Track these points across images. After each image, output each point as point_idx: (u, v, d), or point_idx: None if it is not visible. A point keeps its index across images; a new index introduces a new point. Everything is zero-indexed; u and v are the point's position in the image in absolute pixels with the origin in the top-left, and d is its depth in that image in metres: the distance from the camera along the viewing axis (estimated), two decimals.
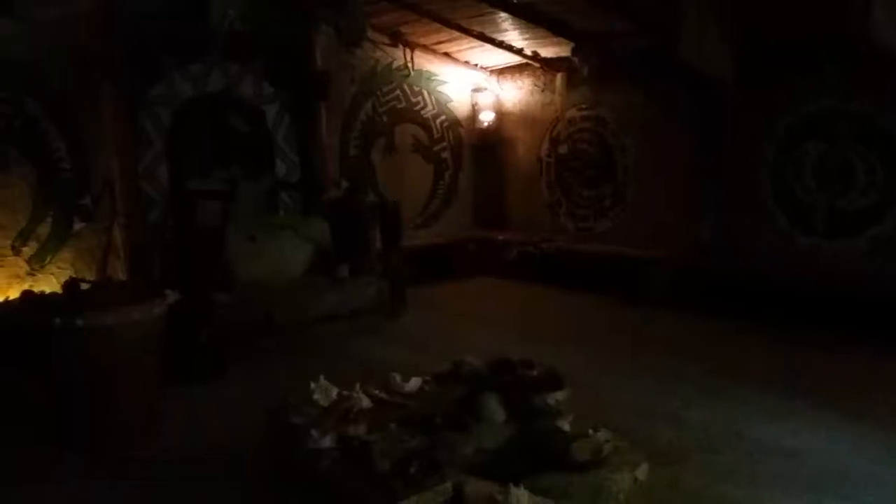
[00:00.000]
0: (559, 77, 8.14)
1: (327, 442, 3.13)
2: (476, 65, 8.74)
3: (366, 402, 3.60)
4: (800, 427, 3.92)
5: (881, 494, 3.17)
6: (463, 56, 8.49)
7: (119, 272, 6.00)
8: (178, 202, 6.28)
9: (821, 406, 4.19)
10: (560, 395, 3.59)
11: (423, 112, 8.59)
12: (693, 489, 3.27)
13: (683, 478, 3.37)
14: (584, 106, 8.01)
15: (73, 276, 5.58)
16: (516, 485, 2.84)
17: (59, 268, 5.91)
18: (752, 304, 6.03)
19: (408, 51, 8.18)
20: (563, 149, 8.30)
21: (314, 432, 3.16)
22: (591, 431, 3.40)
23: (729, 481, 3.34)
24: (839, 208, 5.95)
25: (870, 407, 4.14)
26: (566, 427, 3.55)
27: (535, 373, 3.72)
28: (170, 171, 6.44)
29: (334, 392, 3.64)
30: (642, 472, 3.28)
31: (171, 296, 4.21)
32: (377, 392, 3.80)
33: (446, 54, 8.46)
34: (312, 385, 3.66)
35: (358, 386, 3.73)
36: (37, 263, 5.85)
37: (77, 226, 6.02)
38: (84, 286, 4.74)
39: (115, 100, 5.95)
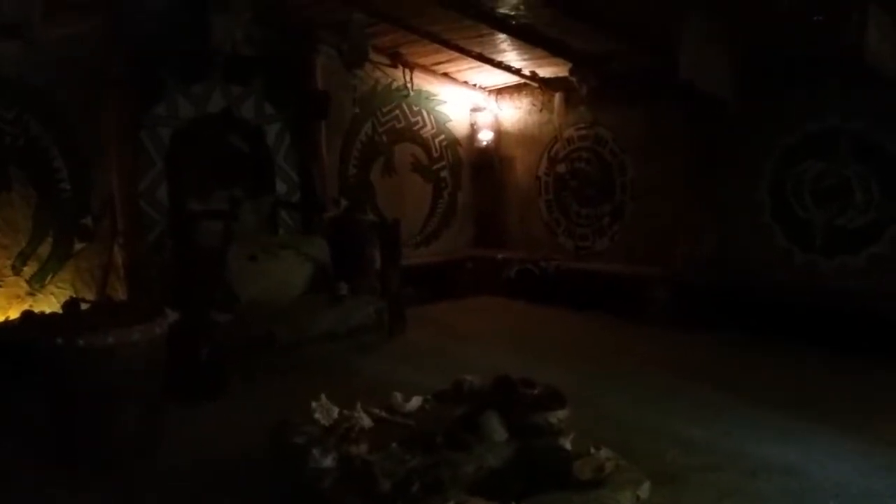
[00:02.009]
0: (557, 97, 8.20)
1: (329, 461, 3.12)
2: (475, 85, 8.81)
3: (367, 422, 3.60)
4: (800, 444, 3.92)
5: None
6: (462, 76, 8.56)
7: (119, 292, 6.00)
8: (179, 222, 6.30)
9: (821, 423, 4.19)
10: (561, 414, 3.60)
11: (422, 132, 8.64)
12: None
13: (685, 496, 3.37)
14: (582, 125, 8.07)
15: (74, 295, 5.59)
16: None
17: (59, 287, 5.91)
18: (751, 321, 6.05)
19: (407, 71, 8.24)
20: (561, 168, 8.34)
21: (315, 452, 3.16)
22: (592, 450, 3.40)
23: (731, 499, 3.33)
24: (837, 226, 5.97)
25: (869, 424, 4.15)
26: (567, 446, 3.55)
27: (535, 391, 3.73)
28: (170, 190, 6.47)
29: (335, 411, 3.64)
30: (644, 490, 3.27)
31: (171, 315, 4.22)
32: (378, 411, 3.80)
33: (445, 74, 8.53)
34: (314, 404, 3.66)
35: (359, 405, 3.73)
36: (37, 283, 5.84)
37: (77, 246, 6.03)
38: (84, 306, 4.75)
39: (117, 119, 5.98)
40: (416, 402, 3.94)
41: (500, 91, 8.91)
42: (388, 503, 2.74)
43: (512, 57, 7.61)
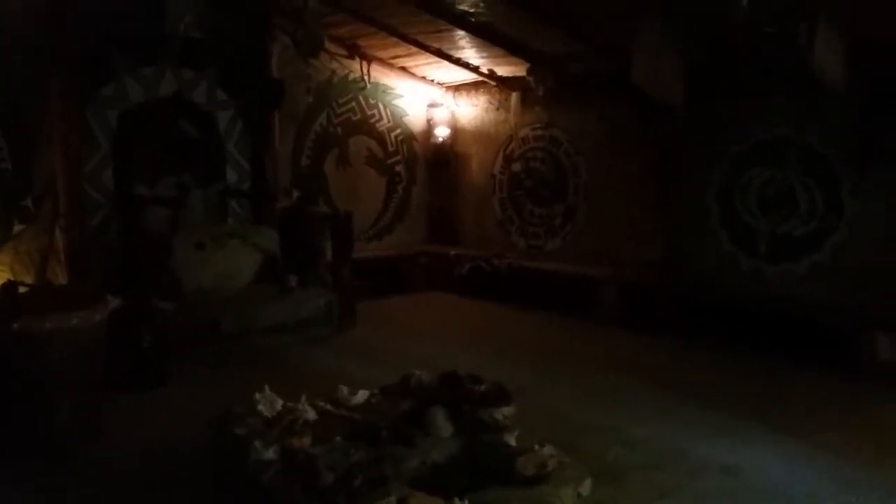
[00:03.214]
0: (514, 96, 8.24)
1: (271, 454, 3.08)
2: (432, 80, 8.79)
3: (311, 415, 3.55)
4: (741, 445, 3.99)
5: None
6: (420, 71, 8.53)
7: (59, 276, 5.82)
8: (126, 207, 6.15)
9: (761, 425, 4.28)
10: (507, 411, 3.60)
11: (378, 125, 8.60)
12: None
13: (626, 494, 3.40)
14: (538, 125, 8.12)
15: (11, 279, 5.39)
16: (461, 499, 2.83)
17: None
18: (697, 323, 6.16)
19: (364, 63, 8.19)
20: (516, 167, 8.38)
21: (258, 444, 3.11)
22: (536, 447, 3.42)
23: (670, 498, 3.38)
24: (781, 233, 6.12)
25: (808, 427, 4.24)
26: (512, 442, 3.56)
27: (482, 388, 3.72)
28: (116, 174, 6.30)
29: (279, 403, 3.59)
30: (586, 487, 3.30)
31: (113, 302, 4.11)
32: (323, 404, 3.75)
33: (403, 68, 8.49)
34: (257, 395, 3.60)
35: (304, 398, 3.68)
36: None
37: (17, 227, 5.83)
38: (22, 289, 4.60)
39: (62, 98, 5.78)
40: (362, 395, 3.90)
41: (457, 88, 8.91)
42: (330, 496, 2.71)
43: (470, 54, 7.62)
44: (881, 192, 5.61)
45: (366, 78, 8.27)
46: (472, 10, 6.29)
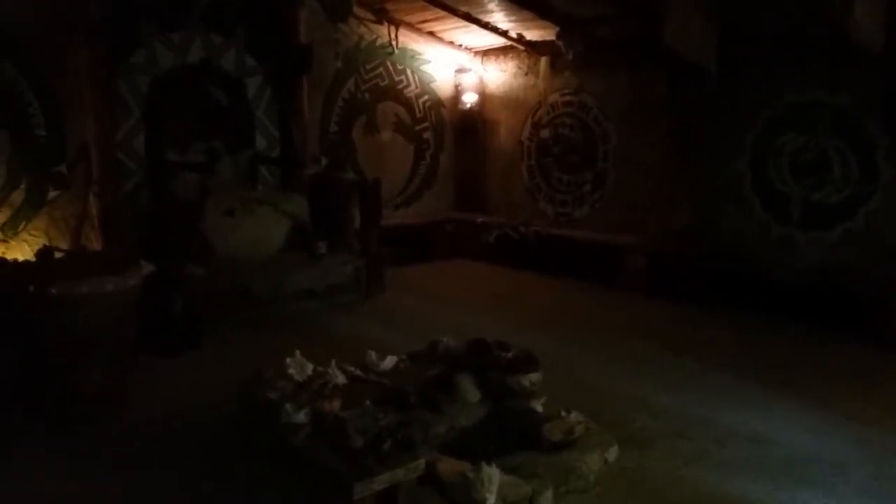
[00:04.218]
0: (543, 61, 8.13)
1: (301, 417, 3.13)
2: (461, 45, 8.70)
3: (341, 379, 3.60)
4: (767, 414, 3.99)
5: (847, 482, 3.24)
6: (448, 36, 8.45)
7: (93, 242, 5.93)
8: (156, 173, 6.21)
9: (789, 393, 4.27)
10: (534, 377, 3.63)
11: (405, 91, 8.55)
12: (661, 472, 3.32)
13: (652, 461, 3.42)
14: (567, 91, 8.02)
15: (47, 244, 5.50)
16: (488, 463, 2.87)
17: (32, 235, 5.83)
18: (725, 291, 6.12)
19: (392, 28, 8.12)
20: (545, 133, 8.31)
21: (289, 407, 3.16)
22: (563, 413, 3.45)
23: (696, 465, 3.39)
24: (815, 201, 6.02)
25: (836, 396, 4.23)
26: (539, 408, 3.60)
27: (509, 354, 3.75)
28: (147, 141, 6.36)
29: (310, 367, 3.64)
30: (612, 454, 3.34)
31: (146, 267, 4.18)
32: (352, 369, 3.80)
33: (431, 33, 8.41)
34: (288, 360, 3.65)
35: (333, 362, 3.73)
36: (10, 230, 5.76)
37: (52, 193, 5.94)
38: (58, 255, 4.70)
39: (93, 66, 5.83)
40: (390, 361, 3.95)
41: (485, 53, 8.81)
42: (359, 459, 2.75)
43: (499, 17, 7.52)
44: None
45: (393, 43, 8.21)
46: None
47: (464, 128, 9.06)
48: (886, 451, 3.54)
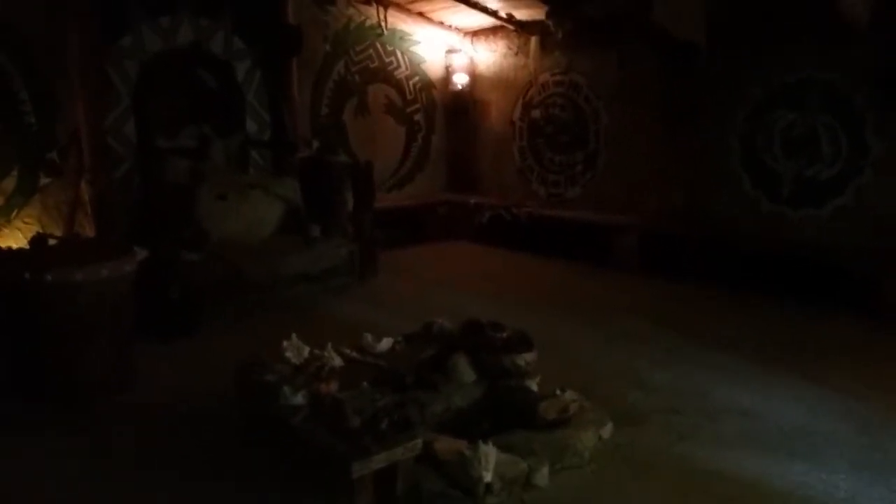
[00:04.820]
0: (533, 41, 8.11)
1: (299, 399, 3.16)
2: (450, 26, 8.67)
3: (337, 361, 3.63)
4: (760, 389, 4.04)
5: (839, 454, 3.29)
6: (437, 16, 8.41)
7: (87, 229, 5.92)
8: (148, 159, 6.19)
9: (781, 369, 4.32)
10: (528, 357, 3.66)
11: (396, 73, 8.52)
12: (655, 447, 3.37)
13: (646, 437, 3.48)
14: (557, 71, 8.01)
15: (40, 231, 5.49)
16: (484, 442, 2.91)
17: (25, 223, 5.81)
18: (718, 269, 6.17)
19: (381, 9, 8.07)
20: (536, 113, 8.31)
21: (286, 389, 3.19)
22: (558, 392, 3.49)
23: (690, 440, 3.45)
24: (805, 177, 6.05)
25: (828, 371, 4.28)
26: (534, 387, 3.64)
27: (504, 335, 3.78)
28: (138, 126, 6.32)
29: (306, 350, 3.67)
30: (607, 431, 3.39)
31: (140, 253, 4.19)
32: (349, 351, 3.84)
33: (420, 14, 8.37)
34: (285, 343, 3.68)
35: (329, 345, 3.76)
36: (2, 218, 5.73)
37: (43, 180, 5.91)
38: (52, 242, 4.70)
39: (82, 51, 5.79)
40: (386, 343, 3.98)
41: (475, 33, 8.78)
42: (357, 439, 2.79)
43: None
44: None
45: (383, 24, 8.16)
46: None
47: (455, 109, 9.04)
48: (878, 424, 3.60)
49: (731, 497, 2.96)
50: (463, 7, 7.74)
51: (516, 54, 8.42)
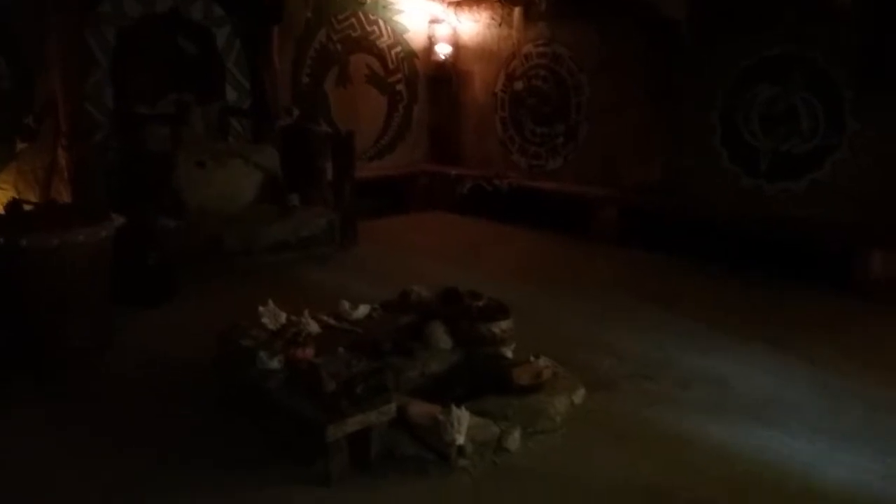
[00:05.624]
0: (517, 11, 8.08)
1: (276, 364, 3.19)
2: None
3: (314, 328, 3.66)
4: (730, 358, 4.12)
5: (802, 421, 3.37)
6: None
7: (63, 195, 5.87)
8: (127, 125, 6.14)
9: (754, 339, 4.39)
10: (504, 325, 3.71)
11: (378, 42, 8.46)
12: (626, 413, 3.44)
13: (617, 403, 3.54)
14: (540, 42, 7.98)
15: (16, 196, 5.44)
16: (458, 406, 2.95)
17: (0, 188, 5.76)
18: (695, 242, 6.22)
19: None
20: (518, 85, 8.29)
21: (263, 354, 3.22)
22: (532, 358, 3.54)
23: (660, 406, 3.51)
24: (783, 152, 6.11)
25: (800, 342, 4.36)
26: (509, 354, 3.69)
27: (481, 303, 3.82)
28: (116, 92, 6.26)
29: (283, 316, 3.69)
30: (579, 396, 3.45)
31: (117, 219, 4.17)
32: (325, 318, 3.86)
33: None
34: (261, 309, 3.70)
35: (306, 312, 3.78)
36: None
37: (20, 146, 5.85)
38: (27, 207, 4.66)
39: (59, 17, 5.70)
40: (363, 310, 4.01)
41: (458, 3, 8.72)
42: (332, 403, 2.83)
43: None
44: (883, 111, 5.57)
45: None
46: None
47: (437, 79, 9.00)
48: (842, 392, 3.69)
49: (696, 460, 3.03)
50: None
51: (500, 25, 8.38)
